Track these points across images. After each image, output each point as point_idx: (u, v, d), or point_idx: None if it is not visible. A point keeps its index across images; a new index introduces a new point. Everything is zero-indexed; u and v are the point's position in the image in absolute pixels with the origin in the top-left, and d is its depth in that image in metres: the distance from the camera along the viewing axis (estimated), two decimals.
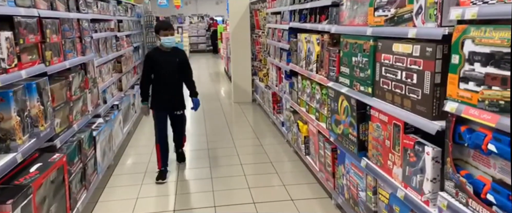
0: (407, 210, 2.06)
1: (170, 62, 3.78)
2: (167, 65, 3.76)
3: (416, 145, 1.94)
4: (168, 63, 3.77)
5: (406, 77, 1.98)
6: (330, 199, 3.31)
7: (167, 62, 3.76)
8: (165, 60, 3.76)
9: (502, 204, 1.40)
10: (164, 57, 3.76)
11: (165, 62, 3.75)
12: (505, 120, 1.36)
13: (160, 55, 3.77)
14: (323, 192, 3.48)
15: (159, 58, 3.75)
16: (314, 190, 3.55)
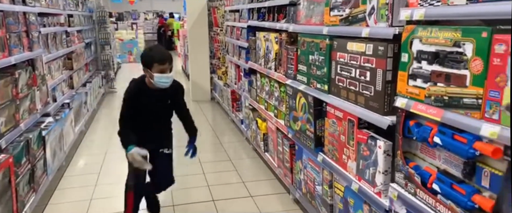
0: (361, 202, 2.16)
1: (160, 104, 2.64)
2: (154, 108, 2.62)
3: (369, 139, 2.03)
4: (156, 106, 2.62)
5: (360, 75, 2.07)
6: (288, 194, 3.37)
7: (156, 104, 2.61)
8: (153, 101, 2.58)
9: (446, 193, 1.51)
10: (151, 98, 2.57)
11: (152, 105, 2.59)
12: (449, 115, 1.46)
13: (147, 94, 2.55)
14: (282, 188, 3.54)
15: (144, 99, 2.54)
16: (273, 186, 3.60)
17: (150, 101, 2.58)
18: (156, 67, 2.43)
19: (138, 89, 2.57)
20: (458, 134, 1.44)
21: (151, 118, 2.64)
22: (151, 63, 2.43)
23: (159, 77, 2.45)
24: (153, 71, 2.43)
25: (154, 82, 2.46)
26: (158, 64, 2.43)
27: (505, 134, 1.22)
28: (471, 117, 1.36)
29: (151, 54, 2.50)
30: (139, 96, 2.55)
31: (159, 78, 2.45)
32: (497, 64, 1.24)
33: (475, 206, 1.37)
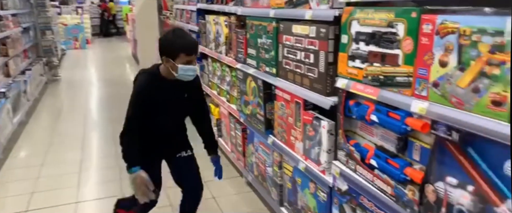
0: (307, 180, 2.23)
1: (176, 98, 2.18)
2: (171, 105, 2.17)
3: (314, 120, 2.09)
4: (173, 102, 2.17)
5: (305, 57, 2.10)
6: (241, 177, 3.41)
7: (171, 99, 2.15)
8: (169, 96, 2.13)
9: (382, 167, 1.59)
10: (168, 91, 2.11)
11: (168, 100, 2.14)
12: (384, 93, 1.53)
13: (162, 87, 2.09)
14: (235, 172, 3.56)
15: (158, 94, 2.08)
16: (226, 170, 3.61)
17: (167, 96, 2.11)
18: (182, 58, 1.99)
19: (151, 82, 2.08)
20: (392, 111, 1.52)
21: (166, 117, 2.17)
22: (177, 53, 1.98)
23: (185, 69, 2.01)
24: (177, 61, 1.99)
25: (177, 75, 2.02)
26: (185, 55, 1.99)
27: (433, 109, 1.29)
28: (403, 94, 1.44)
29: (176, 41, 2.00)
30: (153, 91, 2.07)
31: (185, 70, 2.01)
32: (425, 43, 1.31)
33: (407, 178, 1.46)
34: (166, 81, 2.10)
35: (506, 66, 1.05)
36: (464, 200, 1.22)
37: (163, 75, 2.10)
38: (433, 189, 1.34)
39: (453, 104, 1.23)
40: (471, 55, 1.15)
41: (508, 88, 1.05)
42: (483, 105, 1.13)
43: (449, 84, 1.24)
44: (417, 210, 1.41)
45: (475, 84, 1.15)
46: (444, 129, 1.27)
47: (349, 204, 1.85)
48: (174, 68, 2.01)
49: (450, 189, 1.28)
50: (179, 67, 2.00)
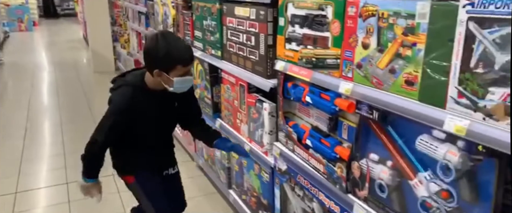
0: (252, 162, 2.26)
1: (166, 111, 1.87)
2: (159, 120, 1.85)
3: (257, 102, 2.11)
4: (161, 116, 1.85)
5: (247, 40, 2.10)
6: (193, 161, 3.40)
7: (160, 113, 1.84)
8: (157, 111, 1.81)
9: (316, 146, 1.65)
10: (154, 106, 1.79)
11: (155, 116, 1.82)
12: (317, 75, 1.57)
13: (148, 103, 1.77)
14: (187, 156, 3.54)
15: (144, 111, 1.76)
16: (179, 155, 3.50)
17: (154, 111, 1.79)
18: (179, 70, 1.66)
19: (134, 98, 1.72)
20: (324, 93, 1.57)
21: (152, 134, 1.87)
22: (172, 65, 1.64)
23: (180, 82, 1.68)
24: (172, 74, 1.66)
25: (172, 89, 1.70)
26: (182, 66, 1.66)
27: (357, 90, 1.35)
28: (332, 76, 1.48)
29: (171, 52, 1.63)
30: (138, 108, 1.73)
31: (182, 82, 1.69)
32: (350, 26, 1.35)
33: (337, 156, 1.52)
34: (154, 93, 1.76)
35: (417, 48, 1.11)
36: (384, 175, 1.30)
37: (150, 87, 1.76)
38: (357, 166, 1.41)
39: (374, 84, 1.29)
40: (388, 37, 1.20)
41: (419, 68, 1.11)
42: (398, 85, 1.19)
43: (370, 65, 1.29)
44: (345, 186, 1.48)
45: (392, 65, 1.20)
46: (366, 108, 1.33)
47: (289, 183, 1.91)
48: (169, 82, 1.68)
49: (372, 165, 1.35)
50: (175, 80, 1.66)
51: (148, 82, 1.77)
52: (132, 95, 1.73)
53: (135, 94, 1.74)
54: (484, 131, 0.94)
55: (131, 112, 1.72)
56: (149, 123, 1.81)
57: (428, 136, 1.14)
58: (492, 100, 0.92)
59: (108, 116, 1.76)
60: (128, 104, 1.72)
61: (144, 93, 1.76)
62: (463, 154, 1.03)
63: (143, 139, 1.88)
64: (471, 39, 0.95)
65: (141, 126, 1.79)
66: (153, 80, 1.73)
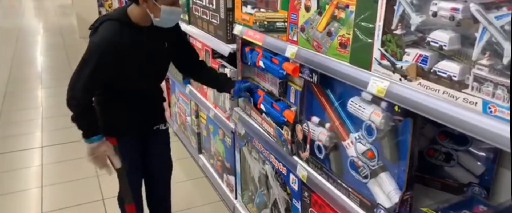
0: (217, 127, 2.30)
1: (155, 51, 1.65)
2: (149, 62, 1.63)
3: (220, 67, 2.11)
4: (150, 57, 1.63)
5: (209, 3, 2.08)
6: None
7: (149, 54, 1.62)
8: (146, 51, 1.60)
9: (268, 111, 1.67)
10: (142, 44, 1.58)
11: (145, 56, 1.60)
12: (268, 39, 1.57)
13: (135, 40, 1.55)
14: None
15: (132, 49, 1.54)
16: None
17: (143, 50, 1.58)
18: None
19: (120, 33, 1.50)
20: (274, 57, 1.57)
21: (144, 79, 1.67)
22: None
23: (168, 12, 1.51)
24: (160, 2, 1.48)
25: (158, 20, 1.53)
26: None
27: (301, 53, 1.35)
28: (281, 40, 1.48)
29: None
30: (125, 46, 1.51)
31: (170, 13, 1.52)
32: None
33: (284, 119, 1.55)
34: (140, 29, 1.56)
35: (350, 9, 1.11)
36: (322, 137, 1.33)
37: (134, 21, 1.55)
38: (300, 128, 1.44)
39: (314, 47, 1.29)
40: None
41: (351, 31, 1.11)
42: (334, 47, 1.19)
43: (311, 28, 1.29)
44: (290, 147, 1.52)
45: (329, 27, 1.20)
46: (307, 72, 1.34)
47: (246, 147, 1.95)
48: (156, 10, 1.50)
49: (313, 127, 1.38)
50: (162, 9, 1.49)
51: (132, 16, 1.55)
52: (115, 31, 1.50)
53: (120, 31, 1.51)
54: (400, 92, 0.96)
55: (118, 49, 1.49)
56: (138, 65, 1.58)
57: (358, 98, 1.16)
58: (407, 61, 0.94)
59: (88, 58, 1.49)
60: (110, 43, 1.48)
61: (130, 28, 1.53)
62: (385, 115, 1.06)
63: (133, 86, 1.65)
64: (392, 0, 0.95)
65: (129, 69, 1.56)
66: (138, 12, 1.54)
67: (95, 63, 1.47)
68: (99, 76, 1.52)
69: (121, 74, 1.55)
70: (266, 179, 1.78)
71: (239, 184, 2.11)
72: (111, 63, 1.50)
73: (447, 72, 0.85)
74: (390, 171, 1.10)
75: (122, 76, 1.57)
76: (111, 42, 1.48)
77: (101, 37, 1.49)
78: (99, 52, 1.48)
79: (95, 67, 1.48)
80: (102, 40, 1.48)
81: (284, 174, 1.58)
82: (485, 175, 1.16)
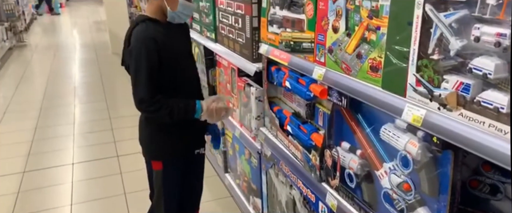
0: (243, 147, 2.25)
1: (185, 45, 1.77)
2: (189, 59, 1.78)
3: (246, 86, 2.08)
4: (184, 49, 1.75)
5: (235, 22, 2.06)
6: None
7: (186, 49, 1.76)
8: (183, 45, 1.73)
9: (295, 133, 1.61)
10: (175, 38, 1.66)
11: (181, 49, 1.71)
12: (294, 59, 1.52)
13: (165, 34, 1.60)
14: None
15: (169, 42, 1.61)
16: None
17: (175, 43, 1.63)
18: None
19: (152, 30, 1.57)
20: (301, 78, 1.52)
21: (191, 77, 1.75)
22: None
23: (185, 7, 1.59)
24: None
25: (173, 14, 1.59)
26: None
27: (328, 75, 1.29)
28: (307, 60, 1.43)
29: None
30: (160, 40, 1.55)
31: (185, 7, 1.60)
32: (322, 8, 1.29)
33: (312, 143, 1.48)
34: (168, 26, 1.63)
35: (381, 32, 1.04)
36: (353, 164, 1.25)
37: (154, 17, 1.60)
38: (329, 154, 1.37)
39: (343, 70, 1.23)
40: (355, 20, 1.13)
41: (383, 53, 1.04)
42: (364, 71, 1.13)
43: (340, 50, 1.23)
44: (319, 174, 1.44)
45: (358, 49, 1.14)
46: (336, 95, 1.27)
47: (273, 169, 1.89)
48: (173, 2, 1.56)
49: (343, 153, 1.30)
50: (180, 1, 1.57)
51: (149, 13, 1.62)
52: (153, 26, 1.57)
53: (155, 26, 1.58)
54: (439, 122, 0.88)
55: (157, 41, 1.53)
56: (182, 59, 1.66)
57: (391, 125, 1.08)
58: (446, 89, 0.86)
59: (138, 60, 1.52)
60: (150, 32, 1.55)
61: (155, 24, 1.59)
62: (422, 145, 0.97)
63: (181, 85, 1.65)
64: (428, 23, 0.88)
65: (173, 64, 1.59)
66: (153, 8, 1.60)
67: (146, 60, 1.52)
68: (154, 69, 1.53)
69: (165, 67, 1.57)
70: (293, 205, 1.71)
71: (266, 207, 2.05)
72: (156, 54, 1.53)
73: (493, 103, 0.76)
74: (428, 206, 1.01)
75: (165, 70, 1.57)
76: (148, 35, 1.54)
77: (138, 36, 1.55)
78: (145, 48, 1.53)
79: (148, 62, 1.52)
80: (141, 38, 1.54)
81: (313, 202, 1.51)
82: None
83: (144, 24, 1.58)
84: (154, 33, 1.54)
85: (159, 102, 1.55)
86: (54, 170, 3.08)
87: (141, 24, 1.58)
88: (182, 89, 1.67)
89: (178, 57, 1.63)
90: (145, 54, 1.52)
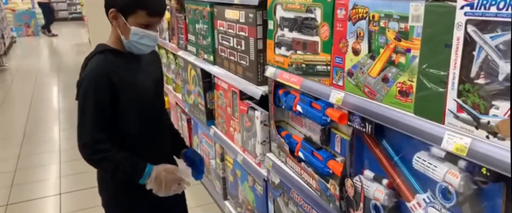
0: (246, 173, 2.15)
1: (153, 80, 1.55)
2: (148, 92, 1.52)
3: (249, 110, 1.99)
4: (149, 86, 1.52)
5: (237, 44, 1.99)
6: None
7: (147, 82, 1.51)
8: (142, 78, 1.49)
9: (308, 159, 1.52)
10: (137, 71, 1.49)
11: (143, 84, 1.49)
12: (307, 82, 1.45)
13: (127, 67, 1.45)
14: None
15: (130, 78, 1.44)
16: None
17: (139, 77, 1.47)
18: (141, 17, 1.35)
19: (108, 64, 1.39)
20: (314, 102, 1.44)
21: (148, 113, 1.51)
22: (133, 7, 1.34)
23: (140, 35, 1.38)
24: (131, 21, 1.36)
25: (127, 42, 1.39)
26: (146, 14, 1.35)
27: (349, 100, 1.22)
28: (323, 84, 1.36)
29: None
30: (116, 75, 1.38)
31: (141, 36, 1.38)
32: (340, 29, 1.23)
33: (329, 171, 1.40)
34: (125, 56, 1.44)
35: (411, 54, 0.98)
36: (379, 194, 1.17)
37: (114, 47, 1.43)
38: (351, 183, 1.28)
39: (366, 94, 1.16)
40: (380, 42, 1.08)
41: (414, 77, 0.98)
42: (392, 95, 1.06)
43: (361, 73, 1.16)
44: (339, 204, 1.35)
45: (384, 73, 1.08)
46: (358, 120, 1.20)
47: (282, 198, 1.79)
48: (126, 31, 1.37)
49: (367, 182, 1.22)
50: (132, 30, 1.36)
51: (110, 43, 1.44)
52: (105, 60, 1.39)
53: (110, 59, 1.40)
54: (488, 152, 0.81)
55: (110, 78, 1.36)
56: (138, 94, 1.44)
57: (426, 154, 1.01)
58: (496, 116, 0.79)
59: (84, 98, 1.35)
60: (105, 66, 1.37)
61: (114, 55, 1.42)
62: (465, 175, 0.90)
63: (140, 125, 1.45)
64: (470, 45, 0.82)
65: (125, 102, 1.40)
66: (113, 36, 1.43)
67: (93, 98, 1.34)
68: (102, 112, 1.36)
69: (122, 108, 1.40)
70: None
71: None
72: (108, 95, 1.36)
73: None
74: None
75: (123, 111, 1.41)
76: (101, 72, 1.36)
77: (89, 71, 1.38)
78: (94, 85, 1.35)
79: (95, 102, 1.34)
80: (92, 73, 1.36)
81: None
82: None
83: (101, 56, 1.41)
84: (110, 69, 1.37)
85: (105, 151, 1.36)
86: (39, 202, 2.88)
87: (98, 56, 1.41)
88: (145, 133, 1.48)
89: (141, 95, 1.45)
90: (93, 93, 1.35)
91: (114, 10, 1.36)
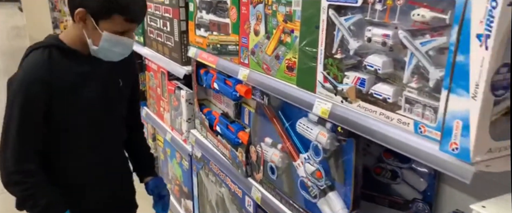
0: (174, 150, 2.26)
1: (109, 89, 1.27)
2: (99, 104, 1.24)
3: (176, 90, 2.09)
4: (102, 96, 1.25)
5: (163, 25, 2.08)
6: None
7: (100, 91, 1.24)
8: (94, 86, 1.23)
9: (224, 132, 1.67)
10: (88, 77, 1.21)
11: (93, 95, 1.22)
12: (221, 61, 1.58)
13: (76, 71, 1.19)
14: None
15: (74, 85, 1.17)
16: None
17: (90, 85, 1.20)
18: (117, 23, 1.13)
19: (48, 68, 1.12)
20: (228, 79, 1.59)
21: (96, 130, 1.25)
22: (109, 12, 1.11)
23: (113, 43, 1.15)
24: (104, 25, 1.12)
25: (96, 49, 1.16)
26: (124, 19, 1.13)
27: (252, 76, 1.37)
28: (233, 62, 1.50)
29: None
30: (58, 84, 1.13)
31: (113, 44, 1.15)
32: (244, 12, 1.37)
33: (239, 141, 1.55)
34: (81, 57, 1.19)
35: (295, 34, 1.15)
36: (275, 157, 1.34)
37: (71, 46, 1.17)
38: (254, 150, 1.45)
39: (264, 70, 1.32)
40: (273, 24, 1.23)
41: (296, 54, 1.15)
42: (282, 70, 1.23)
43: (261, 52, 1.32)
44: (245, 169, 1.51)
45: (277, 51, 1.24)
46: (259, 94, 1.36)
47: (203, 170, 1.93)
48: (95, 36, 1.13)
49: (266, 148, 1.39)
50: (104, 36, 1.13)
51: (67, 41, 1.17)
52: (45, 61, 1.11)
53: (54, 57, 1.13)
54: (342, 113, 1.00)
55: (49, 87, 1.10)
56: (85, 105, 1.18)
57: (306, 119, 1.19)
58: (347, 84, 0.98)
59: (12, 102, 1.09)
60: (43, 71, 1.10)
61: (65, 56, 1.15)
62: (330, 135, 1.09)
63: (82, 141, 1.20)
64: (332, 26, 1.00)
65: (68, 112, 1.15)
66: (74, 34, 1.17)
67: (20, 109, 1.08)
68: (31, 130, 1.10)
69: (58, 120, 1.14)
70: (222, 203, 1.76)
71: (196, 209, 2.07)
72: (42, 105, 1.10)
73: (382, 94, 0.89)
74: (338, 190, 1.12)
75: (61, 123, 1.15)
76: (36, 72, 1.09)
77: (22, 72, 1.11)
78: (24, 92, 1.08)
79: (23, 116, 1.08)
80: (25, 73, 1.10)
81: (240, 197, 1.57)
82: (428, 191, 1.21)
83: (43, 52, 1.12)
84: (49, 71, 1.10)
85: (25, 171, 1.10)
86: None
87: (40, 51, 1.12)
88: (89, 159, 1.24)
89: (86, 108, 1.19)
90: (21, 101, 1.08)
91: (82, 10, 1.11)
